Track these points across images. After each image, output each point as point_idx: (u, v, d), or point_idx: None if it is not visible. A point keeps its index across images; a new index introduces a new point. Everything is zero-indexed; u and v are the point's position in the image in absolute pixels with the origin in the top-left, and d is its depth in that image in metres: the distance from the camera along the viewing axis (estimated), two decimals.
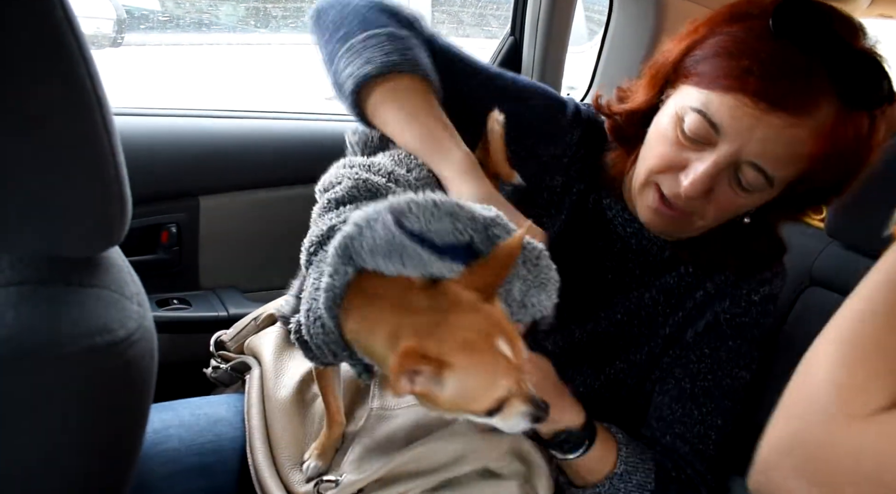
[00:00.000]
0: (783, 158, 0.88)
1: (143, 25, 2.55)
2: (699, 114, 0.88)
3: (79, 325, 0.58)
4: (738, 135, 0.86)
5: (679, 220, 0.98)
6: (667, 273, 1.09)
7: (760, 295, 1.07)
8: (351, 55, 0.93)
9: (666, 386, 1.07)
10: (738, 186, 0.91)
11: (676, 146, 0.92)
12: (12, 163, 0.57)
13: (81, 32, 0.60)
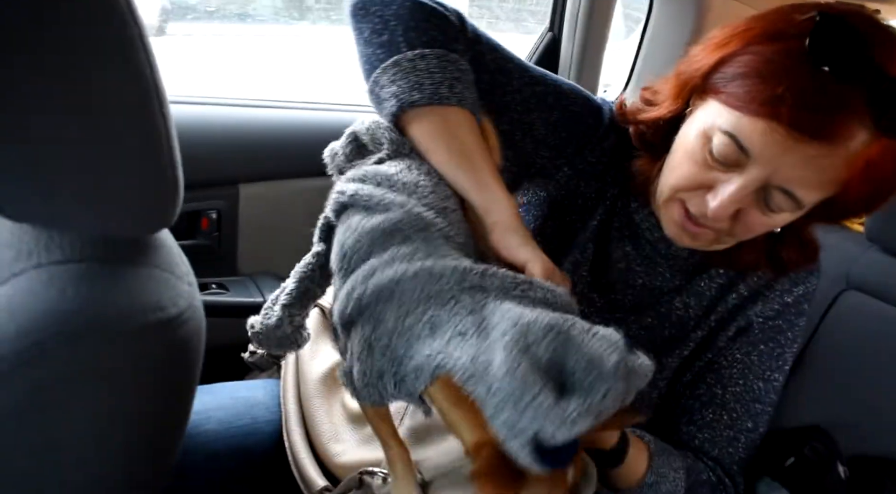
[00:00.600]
0: (815, 184, 0.85)
1: (189, 16, 2.59)
2: (729, 137, 0.85)
3: (134, 302, 0.60)
4: (769, 161, 0.84)
5: (705, 237, 0.96)
6: (698, 277, 1.08)
7: (794, 295, 1.06)
8: (396, 72, 0.91)
9: (697, 391, 1.06)
10: (766, 208, 0.88)
11: (703, 166, 0.89)
12: (73, 146, 0.59)
13: (142, 21, 0.62)
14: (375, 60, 0.94)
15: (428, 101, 0.89)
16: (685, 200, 0.93)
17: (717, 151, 0.87)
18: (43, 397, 0.55)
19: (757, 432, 1.06)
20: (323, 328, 1.24)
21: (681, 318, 1.08)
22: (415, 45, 0.92)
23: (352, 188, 0.87)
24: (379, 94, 0.94)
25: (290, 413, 1.09)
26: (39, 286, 0.59)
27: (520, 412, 0.61)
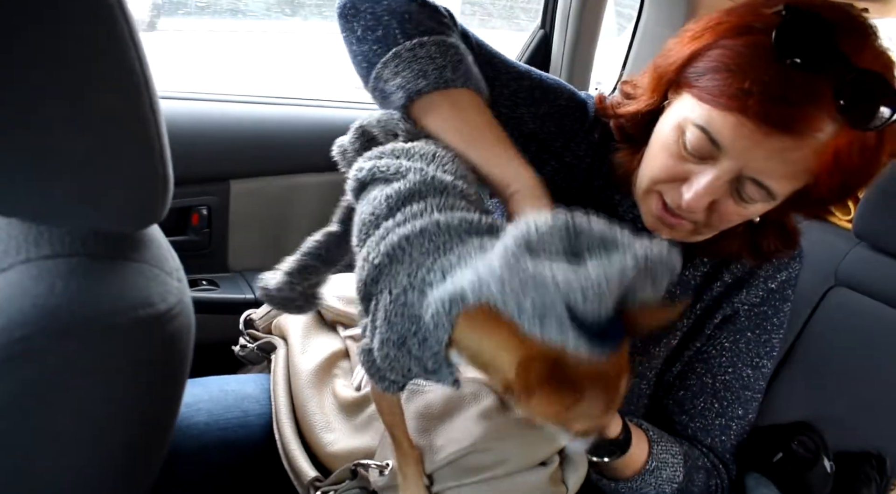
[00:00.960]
0: (785, 175, 0.87)
1: (180, 11, 2.59)
2: (701, 131, 0.87)
3: (123, 298, 0.60)
4: (739, 154, 0.85)
5: (682, 228, 0.97)
6: (682, 267, 1.08)
7: (778, 281, 1.07)
8: (398, 64, 0.91)
9: (688, 381, 1.08)
10: (740, 198, 0.90)
11: (678, 158, 0.91)
12: (63, 142, 0.59)
13: (132, 16, 0.62)
14: (373, 56, 0.94)
15: (434, 87, 0.89)
16: (662, 192, 0.95)
17: (689, 144, 0.88)
18: (32, 392, 0.55)
19: (747, 419, 1.07)
20: (315, 323, 1.24)
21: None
22: (412, 36, 0.92)
23: (369, 164, 0.88)
24: (384, 89, 0.94)
25: (280, 405, 1.10)
26: (28, 281, 0.59)
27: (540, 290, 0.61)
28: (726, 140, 0.85)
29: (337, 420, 1.06)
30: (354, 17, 0.97)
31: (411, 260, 0.76)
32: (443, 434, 0.98)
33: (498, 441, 0.94)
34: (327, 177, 1.76)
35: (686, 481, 1.02)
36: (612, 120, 1.07)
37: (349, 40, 0.99)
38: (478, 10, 3.55)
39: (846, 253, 1.40)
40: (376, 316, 0.79)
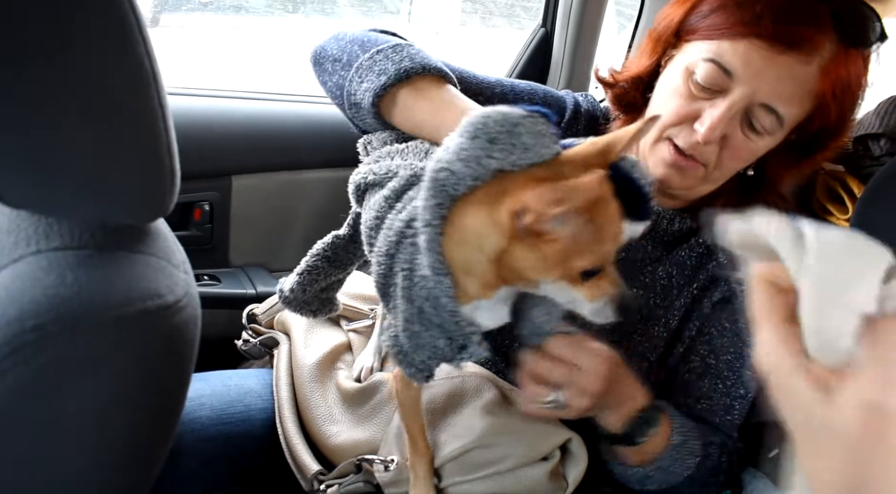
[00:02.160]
0: (794, 97, 0.93)
1: (184, 7, 2.59)
2: (712, 63, 0.93)
3: (132, 289, 0.61)
4: (751, 79, 0.91)
5: (694, 173, 1.00)
6: (678, 246, 1.11)
7: None
8: (361, 73, 0.97)
9: (692, 364, 1.10)
10: (751, 130, 0.95)
11: (688, 98, 0.96)
12: (72, 135, 0.60)
13: (141, 12, 0.63)
14: (341, 80, 1.00)
15: (395, 79, 0.94)
16: (672, 137, 0.99)
17: (701, 78, 0.94)
18: (43, 380, 0.56)
19: (747, 399, 1.09)
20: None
21: (665, 288, 1.11)
22: (370, 49, 0.98)
23: (364, 170, 0.93)
24: (355, 101, 0.99)
25: (283, 400, 1.11)
26: (39, 272, 0.59)
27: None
28: (738, 66, 0.91)
29: (340, 412, 1.07)
30: (323, 57, 1.04)
31: (414, 235, 0.80)
32: (446, 429, 0.99)
33: (501, 436, 0.96)
34: (328, 173, 1.77)
35: (704, 454, 1.03)
36: (612, 89, 1.13)
37: (322, 79, 1.05)
38: (479, 9, 3.56)
39: None
40: (396, 301, 0.83)
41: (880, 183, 1.37)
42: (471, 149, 0.73)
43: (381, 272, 0.84)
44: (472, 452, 0.95)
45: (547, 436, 0.97)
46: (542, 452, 0.96)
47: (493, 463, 0.95)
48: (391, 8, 3.85)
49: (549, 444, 0.96)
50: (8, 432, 0.57)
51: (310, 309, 1.03)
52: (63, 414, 0.59)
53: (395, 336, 0.85)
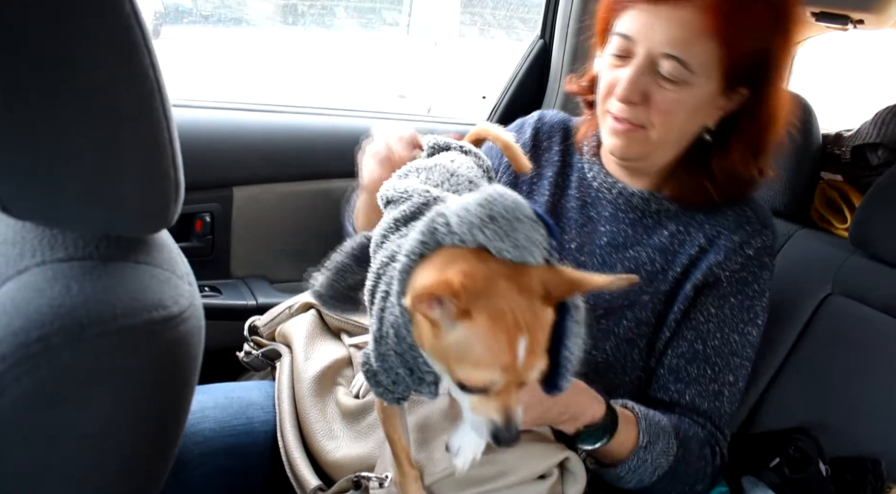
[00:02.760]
0: (686, 40, 1.02)
1: (185, 19, 2.61)
2: (617, 36, 1.07)
3: (137, 300, 0.62)
4: (644, 36, 1.04)
5: (636, 136, 1.09)
6: (658, 231, 1.16)
7: (754, 248, 1.12)
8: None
9: (679, 349, 1.12)
10: (665, 80, 1.04)
11: (612, 69, 1.09)
12: (78, 146, 0.61)
13: (146, 24, 0.63)
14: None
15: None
16: (609, 109, 1.10)
17: (615, 49, 1.08)
18: (48, 391, 0.56)
19: (737, 386, 1.12)
20: (319, 330, 1.25)
21: (648, 272, 1.14)
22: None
23: (388, 185, 0.96)
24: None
25: (284, 413, 1.11)
26: (44, 283, 0.60)
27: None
28: (633, 29, 1.05)
29: (340, 428, 1.07)
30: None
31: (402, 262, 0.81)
32: (442, 446, 0.99)
33: (498, 453, 0.96)
34: (329, 184, 1.77)
35: (681, 451, 1.05)
36: (580, 90, 1.25)
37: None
38: (477, 21, 3.58)
39: (843, 261, 1.41)
40: (372, 319, 0.84)
41: (878, 192, 1.38)
42: (471, 215, 0.75)
43: (370, 288, 0.86)
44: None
45: (545, 455, 0.97)
46: (539, 470, 0.96)
47: (490, 480, 0.95)
48: (390, 20, 3.87)
49: (546, 463, 0.97)
50: (12, 441, 0.57)
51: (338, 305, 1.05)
52: (68, 425, 0.59)
53: (368, 354, 0.86)
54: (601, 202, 1.21)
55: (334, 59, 3.36)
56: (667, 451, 1.03)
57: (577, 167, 1.25)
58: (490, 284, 0.72)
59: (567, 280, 0.76)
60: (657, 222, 1.17)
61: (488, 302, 0.71)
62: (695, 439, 1.07)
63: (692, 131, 1.11)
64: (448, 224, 0.76)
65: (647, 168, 1.16)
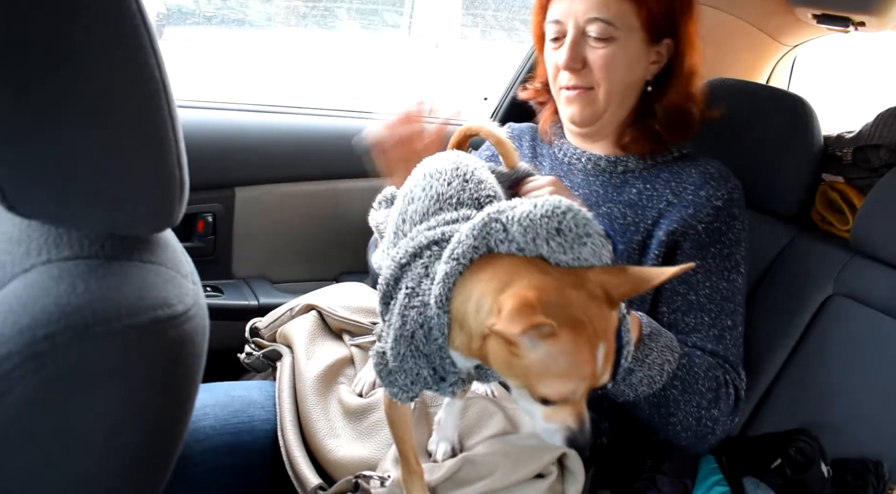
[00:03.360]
0: (601, 3, 1.17)
1: (188, 21, 2.61)
2: (551, 23, 1.23)
3: (143, 298, 0.62)
4: (569, 13, 1.19)
5: (588, 98, 1.23)
6: (626, 189, 1.26)
7: (722, 199, 1.20)
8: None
9: (674, 304, 1.17)
10: (596, 40, 1.19)
11: (553, 52, 1.25)
12: (84, 146, 0.61)
13: (151, 24, 0.64)
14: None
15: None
16: (560, 84, 1.26)
17: (551, 35, 1.24)
18: (54, 388, 0.57)
19: (737, 330, 1.17)
20: (320, 331, 1.25)
21: (622, 226, 1.22)
22: None
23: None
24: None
25: (285, 412, 1.11)
26: (50, 281, 0.60)
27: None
28: (559, 13, 1.21)
29: (342, 426, 1.08)
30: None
31: (431, 253, 0.82)
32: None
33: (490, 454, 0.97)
34: (332, 185, 1.78)
35: (685, 359, 1.08)
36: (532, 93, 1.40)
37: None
38: (479, 22, 3.58)
39: (844, 262, 1.41)
40: (392, 315, 0.83)
41: (879, 194, 1.38)
42: (537, 225, 0.76)
43: (388, 278, 0.85)
44: (461, 469, 0.96)
45: (539, 453, 0.97)
46: (531, 469, 0.97)
47: (480, 479, 0.95)
48: (391, 22, 3.88)
49: (541, 460, 0.97)
50: (18, 439, 0.58)
51: None
52: (73, 423, 0.59)
53: (383, 353, 0.85)
54: (573, 171, 1.33)
55: (336, 60, 3.36)
56: (670, 346, 1.07)
57: (547, 153, 1.39)
58: (562, 296, 0.73)
59: (630, 279, 0.77)
60: (624, 181, 1.27)
61: (567, 314, 0.71)
62: (701, 358, 1.11)
63: (634, 84, 1.25)
64: (506, 231, 0.77)
65: (605, 129, 1.28)
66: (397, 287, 0.84)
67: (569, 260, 0.76)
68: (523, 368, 0.73)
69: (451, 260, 0.78)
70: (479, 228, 0.78)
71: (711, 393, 1.08)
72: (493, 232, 0.77)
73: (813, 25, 1.83)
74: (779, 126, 1.52)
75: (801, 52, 2.10)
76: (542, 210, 0.76)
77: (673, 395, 1.06)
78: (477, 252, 0.77)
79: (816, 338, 1.38)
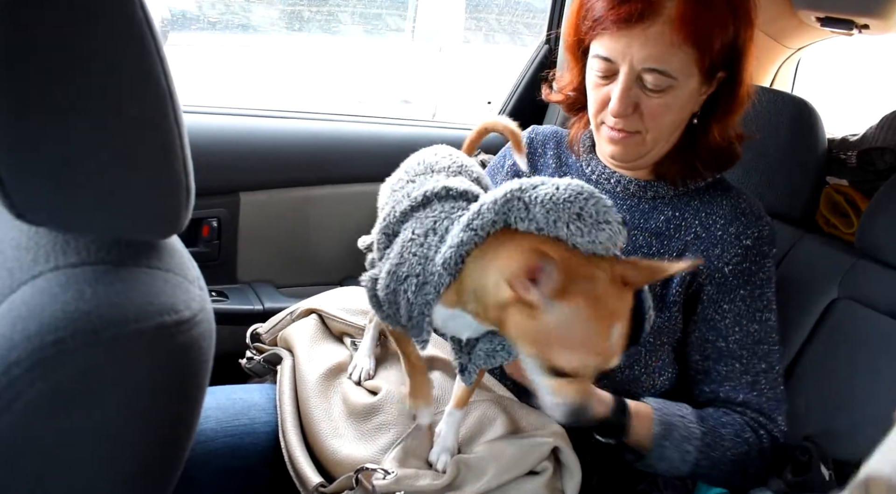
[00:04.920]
0: (663, 53, 1.08)
1: (193, 26, 2.62)
2: (598, 58, 1.14)
3: (150, 304, 0.62)
4: (624, 56, 1.10)
5: (633, 141, 1.16)
6: (654, 216, 1.21)
7: (752, 239, 1.16)
8: None
9: (705, 352, 1.16)
10: (651, 91, 1.11)
11: (599, 87, 1.16)
12: (91, 153, 0.61)
13: (157, 30, 0.64)
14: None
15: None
16: (604, 120, 1.18)
17: (598, 71, 1.15)
18: (62, 394, 0.57)
19: (773, 371, 1.15)
20: (321, 334, 1.26)
21: (645, 256, 1.18)
22: None
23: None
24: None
25: (286, 414, 1.11)
26: (58, 288, 0.60)
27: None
28: (612, 52, 1.11)
29: (345, 426, 1.08)
30: None
31: (443, 210, 0.86)
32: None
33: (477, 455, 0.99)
34: (336, 190, 1.78)
35: (709, 437, 1.08)
36: (562, 99, 1.32)
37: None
38: (482, 26, 3.59)
39: (849, 266, 1.41)
40: (391, 250, 0.88)
41: (884, 197, 1.38)
42: (560, 208, 0.79)
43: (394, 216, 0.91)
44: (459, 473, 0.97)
45: (528, 450, 0.99)
46: (526, 466, 0.98)
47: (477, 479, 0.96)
48: (395, 26, 3.89)
49: (531, 458, 0.99)
50: (27, 444, 0.58)
51: None
52: (81, 428, 0.59)
53: (375, 280, 0.90)
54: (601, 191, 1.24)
55: (339, 64, 3.37)
56: (688, 437, 1.07)
57: (574, 166, 1.32)
58: (583, 271, 0.76)
59: (645, 268, 0.81)
60: (653, 207, 1.22)
61: (586, 285, 0.75)
62: (729, 425, 1.10)
63: (682, 122, 1.18)
64: (528, 210, 0.80)
65: (643, 164, 1.22)
66: (402, 226, 0.89)
67: (585, 243, 0.79)
68: (541, 333, 0.76)
69: (468, 230, 0.81)
70: (500, 203, 0.81)
71: (741, 457, 1.09)
72: (514, 209, 0.81)
73: (817, 28, 1.83)
74: (783, 129, 1.52)
75: (805, 55, 2.10)
76: (565, 194, 0.80)
77: (701, 472, 1.08)
78: (495, 226, 0.81)
79: (822, 342, 1.38)
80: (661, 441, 1.06)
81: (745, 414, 1.12)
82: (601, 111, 1.17)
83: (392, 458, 1.00)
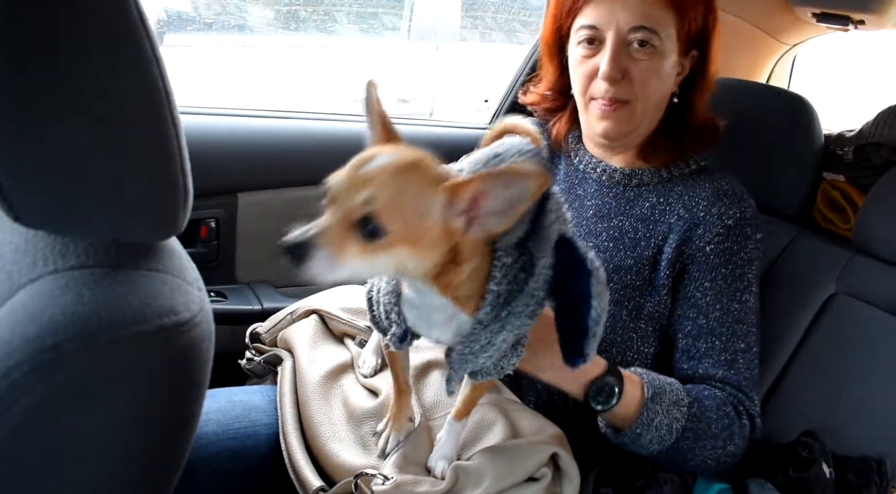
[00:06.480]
0: (648, 10, 1.14)
1: (189, 27, 2.62)
2: (583, 29, 1.18)
3: (149, 306, 0.62)
4: (610, 21, 1.15)
5: (625, 113, 1.19)
6: (639, 202, 1.24)
7: (734, 219, 1.18)
8: None
9: (685, 329, 1.17)
10: (639, 52, 1.15)
11: (585, 59, 1.20)
12: (89, 155, 0.61)
13: (153, 32, 0.64)
14: None
15: None
16: (593, 95, 1.21)
17: (584, 39, 1.19)
18: (62, 396, 0.57)
19: (751, 353, 1.16)
20: (322, 335, 1.26)
21: (632, 240, 1.21)
22: None
23: None
24: None
25: (286, 416, 1.11)
26: (56, 291, 0.60)
27: None
28: (597, 19, 1.16)
29: (345, 430, 1.08)
30: None
31: None
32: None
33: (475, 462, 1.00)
34: None
35: (695, 407, 1.08)
36: (538, 100, 1.36)
37: None
38: (478, 25, 3.59)
39: (846, 261, 1.41)
40: None
41: (881, 192, 1.38)
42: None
43: None
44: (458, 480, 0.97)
45: (528, 454, 0.99)
46: (524, 472, 0.99)
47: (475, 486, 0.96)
48: (391, 25, 3.89)
49: (529, 464, 0.99)
50: (27, 448, 0.58)
51: None
52: (81, 431, 0.60)
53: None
54: (587, 181, 1.31)
55: (336, 64, 3.37)
56: (677, 402, 1.07)
57: (562, 158, 1.36)
58: None
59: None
60: (638, 194, 1.25)
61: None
62: (711, 398, 1.11)
63: (665, 97, 1.22)
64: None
65: (633, 142, 1.25)
66: None
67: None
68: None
69: None
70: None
71: (725, 431, 1.09)
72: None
73: (813, 24, 1.84)
74: (779, 125, 1.52)
75: (801, 50, 2.11)
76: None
77: (687, 445, 1.07)
78: None
79: (819, 337, 1.38)
80: (652, 405, 1.06)
81: (725, 390, 1.13)
82: (588, 85, 1.21)
83: (391, 464, 1.00)
